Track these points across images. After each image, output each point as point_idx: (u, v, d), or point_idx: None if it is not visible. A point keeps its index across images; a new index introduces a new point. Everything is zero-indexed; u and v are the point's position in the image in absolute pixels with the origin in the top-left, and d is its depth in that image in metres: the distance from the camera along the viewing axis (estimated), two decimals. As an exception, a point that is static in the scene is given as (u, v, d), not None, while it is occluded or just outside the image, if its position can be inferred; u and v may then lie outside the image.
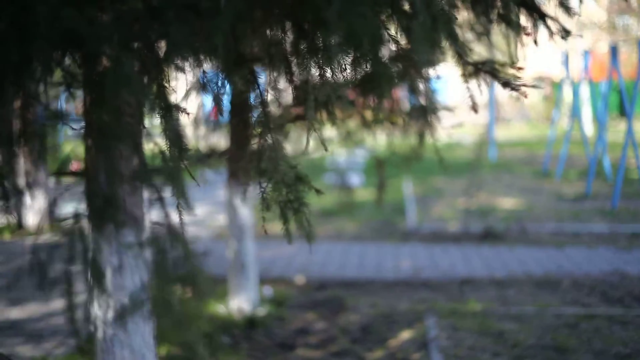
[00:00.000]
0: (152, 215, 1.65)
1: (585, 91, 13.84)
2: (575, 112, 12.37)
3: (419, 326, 5.24)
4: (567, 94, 13.50)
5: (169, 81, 1.62)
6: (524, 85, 1.56)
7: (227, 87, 1.78)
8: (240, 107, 4.79)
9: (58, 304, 1.83)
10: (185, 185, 1.54)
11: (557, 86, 14.03)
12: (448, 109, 5.75)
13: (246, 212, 5.68)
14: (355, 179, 10.91)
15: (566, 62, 12.59)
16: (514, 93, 1.56)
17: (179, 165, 1.50)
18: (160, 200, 1.50)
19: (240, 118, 5.20)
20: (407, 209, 9.58)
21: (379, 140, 7.37)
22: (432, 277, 6.56)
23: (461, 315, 5.44)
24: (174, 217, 1.54)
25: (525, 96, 1.57)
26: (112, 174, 1.45)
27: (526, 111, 20.76)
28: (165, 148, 1.53)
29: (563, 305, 5.69)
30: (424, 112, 5.48)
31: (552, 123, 13.57)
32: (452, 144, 13.52)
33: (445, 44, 1.61)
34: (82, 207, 1.61)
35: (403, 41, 1.65)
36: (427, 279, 6.52)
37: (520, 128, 19.89)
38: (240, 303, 5.51)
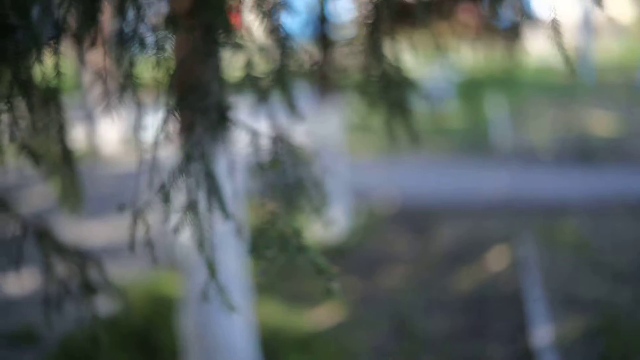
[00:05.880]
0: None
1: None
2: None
3: (512, 251, 5.13)
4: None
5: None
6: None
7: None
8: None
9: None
10: (294, 89, 1.46)
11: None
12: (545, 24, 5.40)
13: (336, 125, 5.56)
14: (444, 100, 10.62)
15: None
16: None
17: (286, 67, 1.42)
18: (266, 104, 1.42)
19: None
20: (499, 132, 9.31)
21: (466, 59, 7.11)
22: (525, 202, 6.38)
23: (556, 243, 5.28)
24: (281, 125, 1.46)
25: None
26: (220, 80, 1.38)
27: (624, 32, 19.66)
28: (272, 50, 1.45)
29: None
30: (518, 28, 5.20)
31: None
32: (546, 67, 12.97)
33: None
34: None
35: None
36: (520, 204, 6.34)
37: (619, 50, 18.92)
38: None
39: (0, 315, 4.36)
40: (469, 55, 6.50)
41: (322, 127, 5.59)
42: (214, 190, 1.39)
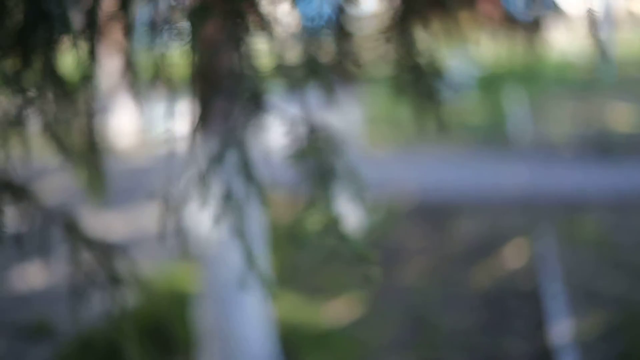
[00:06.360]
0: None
1: None
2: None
3: (531, 247, 5.08)
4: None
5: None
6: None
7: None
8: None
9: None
10: (331, 79, 1.43)
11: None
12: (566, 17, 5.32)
13: (354, 118, 5.54)
14: (464, 93, 10.51)
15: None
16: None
17: (319, 55, 1.39)
18: (300, 92, 1.40)
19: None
20: (519, 126, 9.23)
21: (487, 53, 7.04)
22: (545, 197, 6.32)
23: (576, 238, 5.22)
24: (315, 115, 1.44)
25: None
26: (254, 66, 1.35)
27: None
28: (305, 38, 1.43)
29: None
30: (540, 22, 5.14)
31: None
32: (567, 62, 12.81)
33: None
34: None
35: None
36: (540, 199, 6.28)
37: (639, 43, 18.72)
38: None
39: (16, 308, 4.37)
40: (489, 49, 6.43)
41: (340, 120, 5.55)
42: (251, 179, 1.36)
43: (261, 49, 1.44)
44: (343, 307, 4.29)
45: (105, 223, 5.58)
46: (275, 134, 1.51)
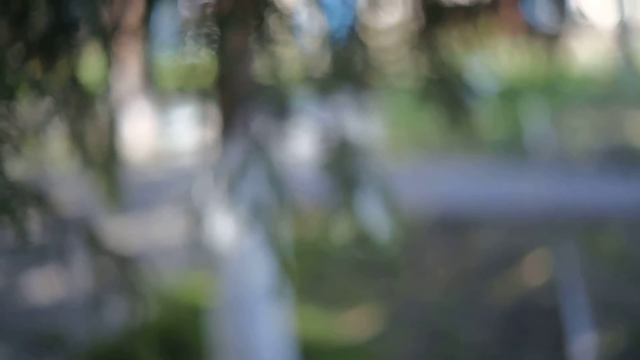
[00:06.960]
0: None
1: None
2: None
3: (551, 262, 5.01)
4: None
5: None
6: None
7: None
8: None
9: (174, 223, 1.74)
10: (361, 87, 1.42)
11: None
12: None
13: (372, 129, 5.52)
14: (482, 106, 10.45)
15: None
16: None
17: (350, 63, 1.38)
18: (330, 102, 1.38)
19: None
20: (539, 140, 9.15)
21: (507, 66, 7.00)
22: (564, 212, 6.24)
23: (597, 254, 5.16)
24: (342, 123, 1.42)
25: None
26: (279, 76, 1.33)
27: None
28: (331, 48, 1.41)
29: None
30: (562, 33, 5.09)
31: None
32: (588, 75, 12.70)
33: None
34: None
35: None
36: (559, 214, 6.20)
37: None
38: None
39: (27, 319, 4.34)
40: (510, 61, 6.40)
41: (360, 130, 5.54)
42: (276, 188, 1.34)
43: (288, 58, 1.42)
44: (362, 320, 4.26)
45: (121, 234, 5.60)
46: (302, 142, 1.48)
